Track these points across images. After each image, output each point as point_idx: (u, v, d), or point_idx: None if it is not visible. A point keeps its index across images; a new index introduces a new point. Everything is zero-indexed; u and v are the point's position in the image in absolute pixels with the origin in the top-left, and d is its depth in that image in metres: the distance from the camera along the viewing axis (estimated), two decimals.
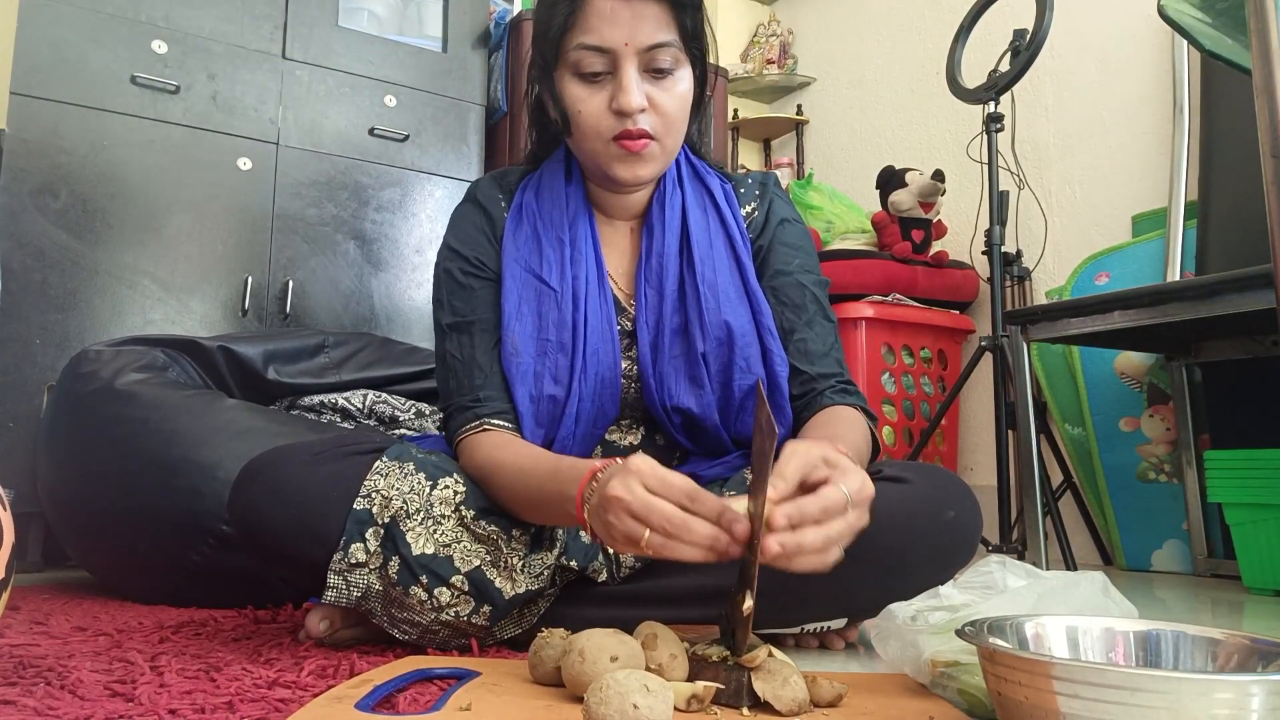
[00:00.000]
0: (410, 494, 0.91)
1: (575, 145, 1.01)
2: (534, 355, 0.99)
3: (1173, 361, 1.97)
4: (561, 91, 0.97)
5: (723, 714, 0.67)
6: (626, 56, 0.93)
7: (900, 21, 2.86)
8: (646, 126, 0.95)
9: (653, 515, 0.70)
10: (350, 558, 0.89)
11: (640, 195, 1.07)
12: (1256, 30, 0.92)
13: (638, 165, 0.97)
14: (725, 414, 1.03)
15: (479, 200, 1.08)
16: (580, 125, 0.97)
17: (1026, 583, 0.79)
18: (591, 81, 0.95)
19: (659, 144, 0.97)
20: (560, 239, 1.03)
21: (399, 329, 2.16)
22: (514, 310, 1.00)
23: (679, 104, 0.98)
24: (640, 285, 1.05)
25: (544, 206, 1.05)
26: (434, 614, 0.89)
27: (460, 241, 1.06)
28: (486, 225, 1.06)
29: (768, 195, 1.12)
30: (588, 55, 0.94)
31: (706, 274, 1.03)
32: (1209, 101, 2.03)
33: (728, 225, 1.07)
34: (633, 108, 0.93)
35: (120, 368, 1.41)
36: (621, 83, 0.94)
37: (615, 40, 0.93)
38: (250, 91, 2.05)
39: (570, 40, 0.94)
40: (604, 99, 0.95)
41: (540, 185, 1.07)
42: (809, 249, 1.11)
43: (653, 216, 1.06)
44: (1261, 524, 1.63)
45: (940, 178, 2.38)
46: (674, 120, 0.98)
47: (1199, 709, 0.51)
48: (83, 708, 0.69)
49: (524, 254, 1.03)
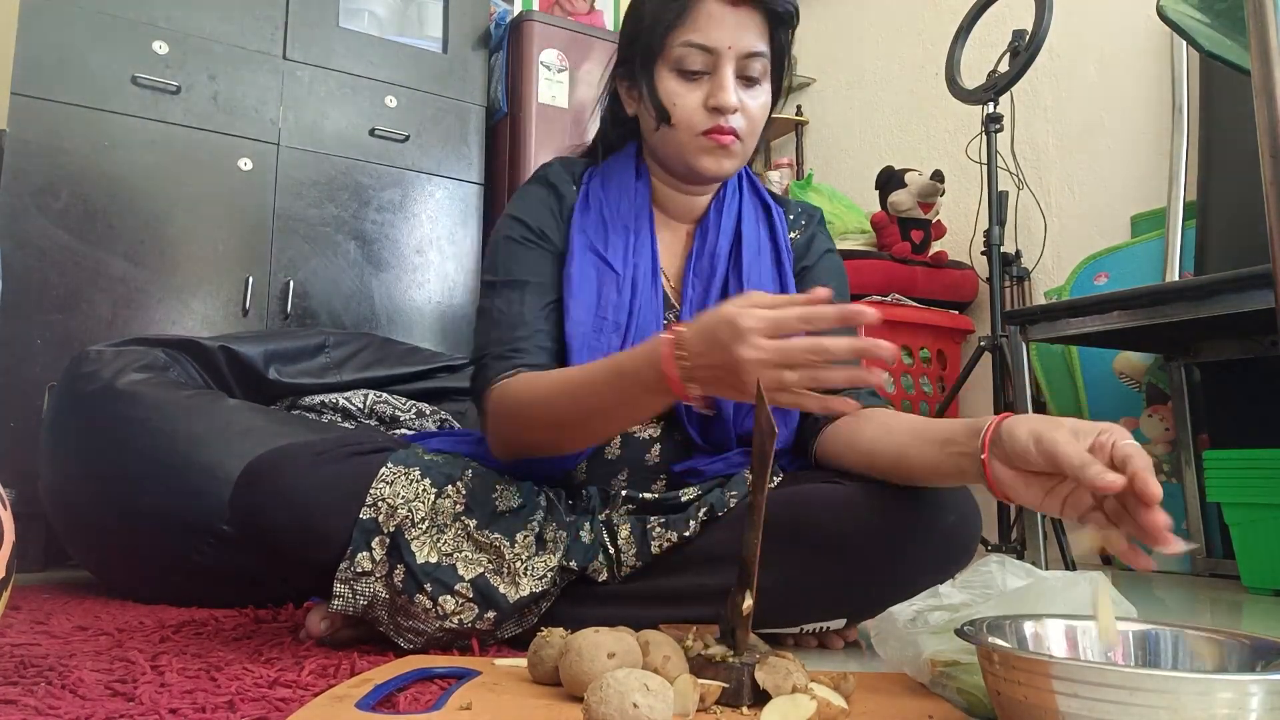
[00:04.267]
0: (415, 502, 0.91)
1: (663, 137, 1.05)
2: (591, 329, 1.02)
3: (1172, 361, 1.97)
4: (659, 84, 1.02)
5: (723, 714, 0.67)
6: (727, 58, 1.00)
7: (900, 22, 2.86)
8: (736, 126, 1.01)
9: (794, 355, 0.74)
10: (356, 566, 0.89)
11: (702, 199, 1.12)
12: (1256, 30, 0.92)
13: (724, 158, 1.03)
14: (739, 408, 1.05)
15: (550, 180, 1.11)
16: (676, 118, 1.02)
17: (1026, 583, 0.79)
18: (691, 79, 1.01)
19: (742, 144, 1.03)
20: (626, 227, 1.08)
21: (399, 329, 2.17)
22: (578, 283, 1.03)
23: (761, 113, 1.05)
24: (688, 280, 1.09)
25: (611, 196, 1.09)
26: (438, 621, 0.89)
27: (525, 212, 1.08)
28: (554, 202, 1.09)
29: (813, 226, 1.19)
30: (692, 53, 1.00)
31: (752, 276, 1.08)
32: (1209, 101, 2.03)
33: (776, 239, 1.13)
34: (730, 105, 1.00)
35: (121, 368, 1.41)
36: (721, 81, 1.00)
37: (720, 42, 0.99)
38: (251, 92, 2.05)
39: (676, 37, 1.00)
40: (700, 95, 1.01)
41: (608, 178, 1.11)
42: (845, 283, 1.18)
43: (709, 219, 1.12)
44: (1261, 524, 1.63)
45: (939, 178, 2.38)
46: (757, 126, 1.05)
47: (1199, 709, 0.51)
48: (83, 707, 0.69)
49: (591, 234, 1.06)
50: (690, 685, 0.66)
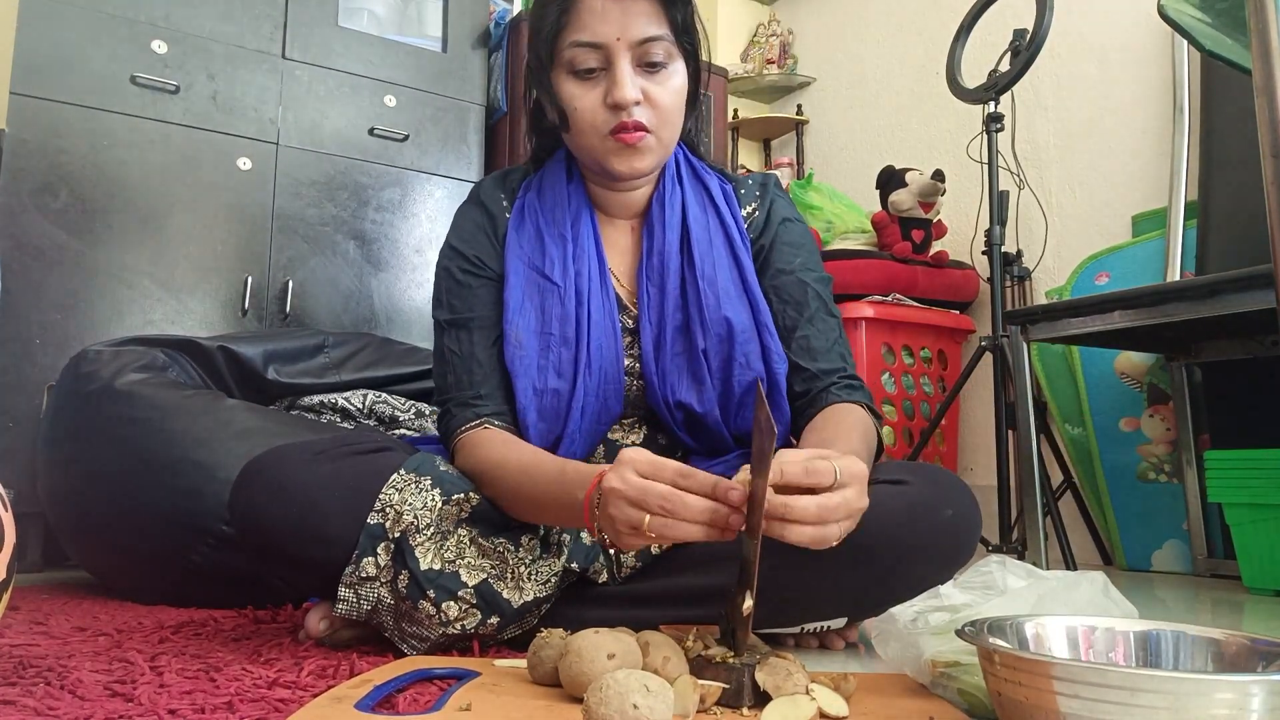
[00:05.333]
0: (422, 510, 0.91)
1: (573, 142, 1.03)
2: (537, 350, 1.00)
3: (1173, 361, 1.96)
4: (558, 90, 0.99)
5: (723, 715, 0.67)
6: (619, 51, 0.96)
7: (900, 21, 2.86)
8: (642, 119, 0.97)
9: (648, 498, 0.71)
10: (361, 571, 0.89)
11: (640, 193, 1.08)
12: (1256, 30, 0.92)
13: (634, 158, 0.99)
14: (725, 410, 1.04)
15: (481, 200, 1.09)
16: (577, 121, 0.99)
17: (1027, 583, 0.79)
18: (586, 78, 0.98)
19: (655, 136, 0.99)
20: (563, 235, 1.05)
21: (399, 329, 2.16)
22: (517, 305, 1.01)
23: (673, 97, 1.00)
24: (642, 283, 1.06)
25: (546, 205, 1.07)
26: (441, 628, 0.89)
27: (461, 240, 1.07)
28: (488, 224, 1.07)
29: (768, 195, 1.13)
30: (581, 52, 0.96)
31: (707, 270, 1.04)
32: (1209, 101, 2.03)
33: (726, 224, 1.08)
34: (627, 100, 0.95)
35: (120, 368, 1.41)
36: (615, 77, 0.96)
37: (607, 35, 0.95)
38: (250, 91, 2.05)
39: (564, 39, 0.97)
40: (599, 95, 0.97)
41: (542, 185, 1.08)
42: (810, 247, 1.12)
43: (653, 215, 1.08)
44: (1261, 524, 1.63)
45: (940, 178, 2.38)
46: (669, 113, 1.00)
47: (1199, 709, 0.51)
48: (83, 708, 0.69)
49: (527, 251, 1.04)
50: (690, 686, 0.66)
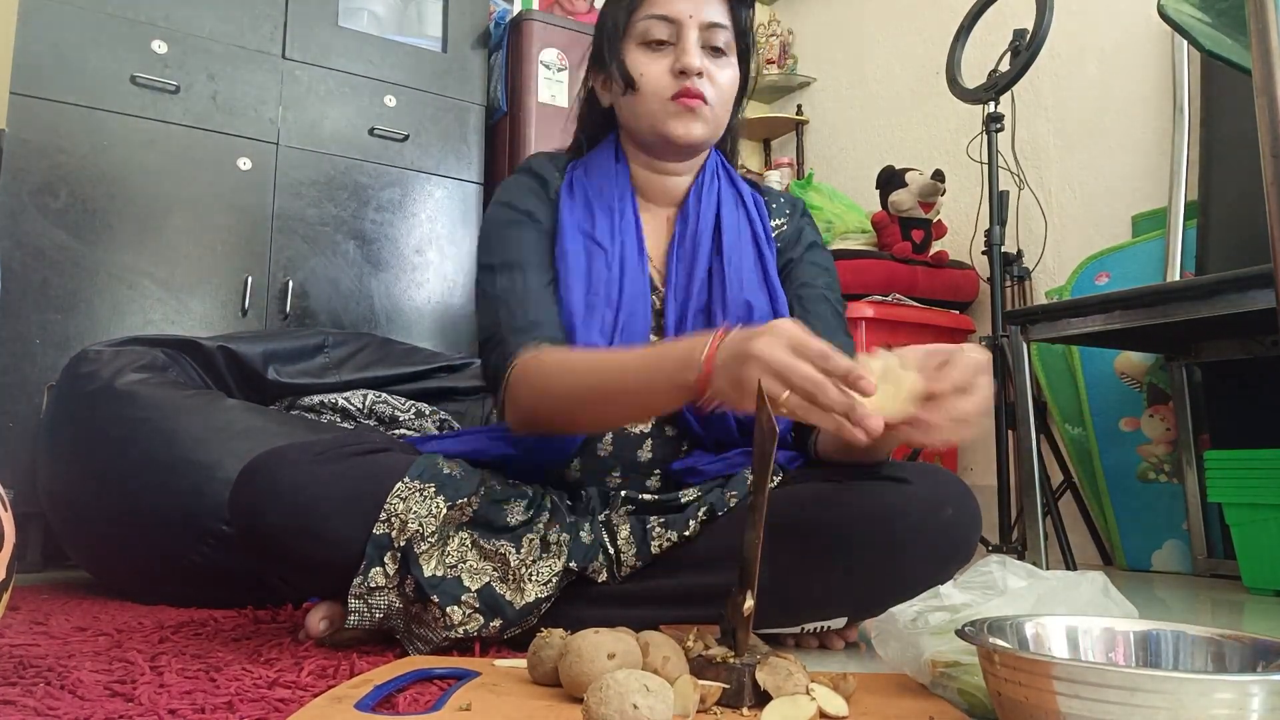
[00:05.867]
0: (427, 517, 0.91)
1: (633, 110, 1.08)
2: (584, 306, 1.03)
3: (1173, 361, 1.96)
4: (626, 58, 1.07)
5: (724, 715, 0.67)
6: (689, 27, 1.05)
7: (900, 21, 2.86)
8: (703, 90, 1.05)
9: (794, 376, 0.73)
10: (370, 582, 0.90)
11: (681, 181, 1.14)
12: (1256, 30, 0.92)
13: (692, 121, 1.06)
14: None
15: (532, 168, 1.14)
16: (644, 86, 1.06)
17: (1026, 583, 0.79)
18: (655, 49, 1.06)
19: (711, 110, 1.06)
20: (610, 208, 1.10)
21: (399, 329, 2.16)
22: (571, 264, 1.05)
23: (729, 83, 1.09)
24: (672, 265, 1.10)
25: (594, 181, 1.12)
26: (445, 632, 0.90)
27: (512, 196, 1.11)
28: (539, 187, 1.12)
29: (799, 217, 1.20)
30: (655, 24, 1.06)
31: (733, 259, 1.10)
32: (1209, 101, 2.03)
33: (754, 225, 1.14)
34: (693, 66, 1.04)
35: (120, 368, 1.41)
36: (684, 45, 1.05)
37: (681, 12, 1.05)
38: (250, 91, 2.05)
39: (640, 12, 1.07)
40: (666, 63, 1.06)
41: (589, 166, 1.14)
42: (834, 275, 1.19)
43: (689, 204, 1.13)
44: (1261, 524, 1.63)
45: (940, 178, 2.38)
46: (724, 92, 1.08)
47: (1199, 709, 0.51)
48: (83, 708, 0.69)
49: (578, 215, 1.09)
50: (690, 686, 0.66)
